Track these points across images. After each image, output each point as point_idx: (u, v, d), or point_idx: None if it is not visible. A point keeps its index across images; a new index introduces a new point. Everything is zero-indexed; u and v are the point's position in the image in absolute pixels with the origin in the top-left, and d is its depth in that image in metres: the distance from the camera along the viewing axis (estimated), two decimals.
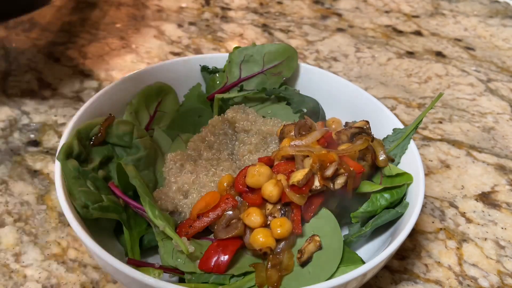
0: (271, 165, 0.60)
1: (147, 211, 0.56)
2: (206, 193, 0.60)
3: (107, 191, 0.57)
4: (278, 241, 0.56)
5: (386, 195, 0.60)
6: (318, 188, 0.56)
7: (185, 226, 0.58)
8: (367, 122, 0.67)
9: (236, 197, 0.60)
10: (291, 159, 0.60)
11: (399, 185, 0.61)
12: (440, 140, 0.87)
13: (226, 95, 0.75)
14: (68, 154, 0.59)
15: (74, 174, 0.58)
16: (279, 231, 0.55)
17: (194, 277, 0.55)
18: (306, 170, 0.56)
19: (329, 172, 0.57)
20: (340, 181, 0.57)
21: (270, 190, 0.56)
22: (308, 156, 0.58)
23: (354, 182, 0.59)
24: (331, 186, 0.57)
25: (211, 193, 0.60)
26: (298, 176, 0.56)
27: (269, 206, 0.58)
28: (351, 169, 0.57)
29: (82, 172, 0.59)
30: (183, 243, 0.54)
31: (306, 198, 0.56)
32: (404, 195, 0.62)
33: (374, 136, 0.66)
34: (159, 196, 0.63)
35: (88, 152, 0.63)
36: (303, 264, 0.55)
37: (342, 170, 0.57)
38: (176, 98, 0.77)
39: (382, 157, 0.63)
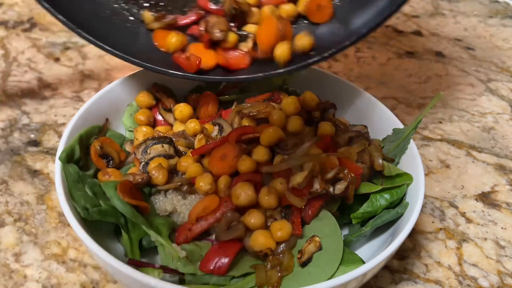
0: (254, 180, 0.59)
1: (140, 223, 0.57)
2: (205, 197, 0.60)
3: (104, 197, 0.57)
4: (278, 243, 0.56)
5: (386, 195, 0.60)
6: (318, 191, 0.56)
7: (184, 230, 0.58)
8: (365, 126, 0.67)
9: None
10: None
11: (398, 185, 0.61)
12: (440, 140, 0.87)
13: (226, 98, 0.75)
14: (69, 157, 0.60)
15: (74, 178, 0.58)
16: (279, 234, 0.55)
17: (194, 278, 0.55)
18: (306, 172, 0.56)
19: (329, 175, 0.57)
20: (340, 186, 0.57)
21: (266, 199, 0.56)
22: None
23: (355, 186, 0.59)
24: (331, 191, 0.57)
25: (210, 196, 0.60)
26: (298, 179, 0.56)
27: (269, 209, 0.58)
28: (353, 175, 0.57)
29: (81, 176, 0.59)
30: (175, 250, 0.55)
31: (306, 200, 0.56)
32: (404, 195, 0.62)
33: (372, 140, 0.66)
34: (157, 197, 0.63)
35: (87, 158, 0.63)
36: (303, 265, 0.55)
37: (342, 175, 0.57)
38: None
39: (378, 161, 0.63)
